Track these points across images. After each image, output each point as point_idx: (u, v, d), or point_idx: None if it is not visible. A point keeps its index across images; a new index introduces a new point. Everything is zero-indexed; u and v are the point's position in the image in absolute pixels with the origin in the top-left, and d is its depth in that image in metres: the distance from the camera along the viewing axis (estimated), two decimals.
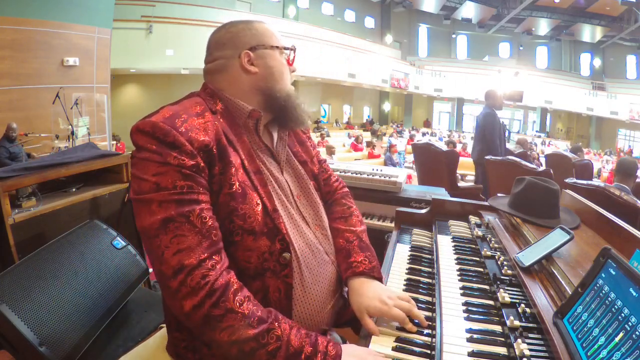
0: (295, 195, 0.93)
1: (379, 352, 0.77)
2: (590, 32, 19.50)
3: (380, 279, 0.94)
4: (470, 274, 1.03)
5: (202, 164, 0.75)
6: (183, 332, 0.84)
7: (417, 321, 0.84)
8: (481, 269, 1.06)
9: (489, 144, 4.17)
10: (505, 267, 1.00)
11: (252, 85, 0.90)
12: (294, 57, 0.98)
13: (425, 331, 0.83)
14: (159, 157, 0.73)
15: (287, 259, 0.83)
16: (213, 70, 0.92)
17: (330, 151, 7.95)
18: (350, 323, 1.03)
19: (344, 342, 1.13)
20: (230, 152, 0.81)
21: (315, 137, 10.91)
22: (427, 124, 20.95)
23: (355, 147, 10.87)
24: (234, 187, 0.79)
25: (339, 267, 0.96)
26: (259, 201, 0.81)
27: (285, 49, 0.95)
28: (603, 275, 0.70)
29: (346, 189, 1.15)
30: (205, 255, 0.71)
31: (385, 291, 0.89)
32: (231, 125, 0.86)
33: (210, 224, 0.74)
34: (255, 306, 0.72)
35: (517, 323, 0.76)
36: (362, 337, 0.83)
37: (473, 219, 1.40)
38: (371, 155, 9.76)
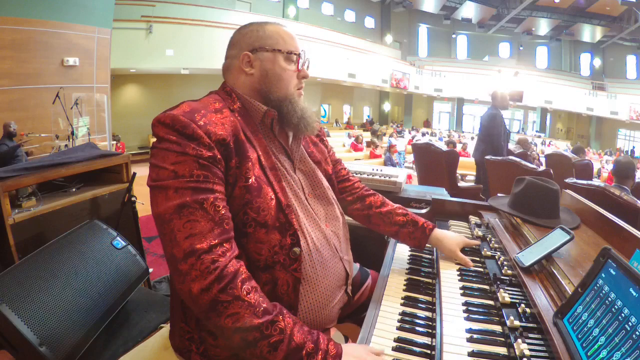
0: (306, 193, 0.95)
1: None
2: (590, 32, 19.49)
3: None
4: (470, 274, 1.03)
5: (218, 156, 0.78)
6: (190, 324, 0.85)
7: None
8: (481, 269, 1.06)
9: (494, 145, 4.17)
10: (505, 267, 1.00)
11: (249, 86, 0.93)
12: (303, 62, 0.97)
13: (425, 331, 0.83)
14: (178, 147, 0.76)
15: (297, 254, 0.85)
16: (223, 69, 0.97)
17: None
18: (351, 317, 1.04)
19: (346, 339, 1.14)
20: (248, 148, 0.85)
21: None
22: (427, 124, 20.93)
23: (355, 147, 10.86)
24: (250, 180, 0.82)
25: (406, 235, 1.12)
26: (273, 196, 0.84)
27: (289, 53, 0.94)
28: (603, 275, 0.70)
29: (368, 189, 1.22)
30: (217, 241, 0.72)
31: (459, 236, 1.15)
32: (248, 123, 0.89)
33: (223, 212, 0.76)
34: (261, 297, 0.73)
35: (517, 323, 0.76)
36: (362, 339, 0.83)
37: (473, 219, 1.40)
38: (372, 155, 9.76)
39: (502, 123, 4.22)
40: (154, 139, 0.81)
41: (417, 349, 0.78)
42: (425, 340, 0.81)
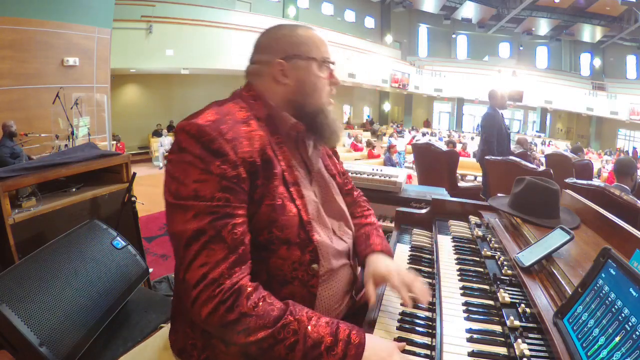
0: (321, 205, 0.93)
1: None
2: (590, 32, 19.49)
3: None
4: (470, 274, 1.03)
5: (243, 175, 0.76)
6: (195, 331, 0.85)
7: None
8: (481, 269, 1.06)
9: (488, 145, 4.14)
10: (505, 267, 1.00)
11: (283, 97, 0.89)
12: (334, 73, 0.95)
13: (425, 331, 0.83)
14: (201, 163, 0.73)
15: (315, 270, 0.84)
16: (252, 73, 0.92)
17: None
18: (352, 319, 1.03)
19: None
20: (273, 163, 0.82)
21: None
22: (427, 124, 20.94)
23: (355, 147, 10.87)
24: (276, 198, 0.80)
25: (357, 253, 1.01)
26: (295, 212, 0.83)
27: (323, 61, 0.91)
28: (603, 275, 0.70)
29: (364, 197, 1.19)
30: (229, 269, 0.72)
31: (396, 265, 0.95)
32: (274, 134, 0.86)
33: (240, 239, 0.75)
34: (270, 305, 0.73)
35: (517, 323, 0.76)
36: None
37: (473, 219, 1.40)
38: (371, 155, 9.76)
39: (497, 122, 4.15)
40: (171, 144, 0.79)
41: (417, 349, 0.78)
42: (425, 340, 0.81)
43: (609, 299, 0.65)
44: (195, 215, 0.72)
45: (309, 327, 0.72)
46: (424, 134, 14.91)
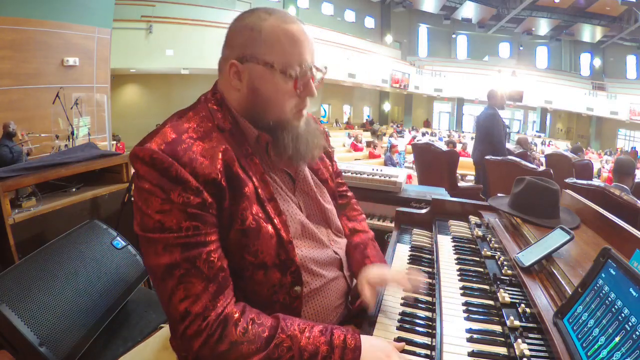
0: (307, 217, 0.88)
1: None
2: (590, 32, 19.51)
3: None
4: (470, 274, 1.03)
5: (209, 200, 0.70)
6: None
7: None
8: (481, 269, 1.06)
9: (495, 145, 4.13)
10: (505, 267, 1.00)
11: (238, 103, 0.79)
12: (309, 78, 0.77)
13: (425, 331, 0.83)
14: (161, 192, 0.67)
15: (298, 293, 0.80)
16: (218, 70, 0.81)
17: None
18: (351, 322, 1.03)
19: None
20: (243, 181, 0.74)
21: None
22: (427, 124, 20.94)
23: (355, 147, 10.88)
24: (247, 222, 0.74)
25: (352, 260, 0.96)
26: (273, 233, 0.77)
27: (283, 72, 0.74)
28: (603, 275, 0.70)
29: (354, 199, 1.16)
30: (211, 300, 0.69)
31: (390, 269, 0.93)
32: (242, 145, 0.77)
33: (217, 265, 0.70)
34: (260, 326, 0.71)
35: (517, 323, 0.76)
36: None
37: (473, 219, 1.40)
38: (372, 155, 9.77)
39: (501, 122, 4.18)
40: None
41: (417, 349, 0.78)
42: (425, 340, 0.81)
43: (609, 299, 0.65)
44: (165, 248, 0.67)
45: (303, 340, 0.71)
46: (424, 134, 14.93)
